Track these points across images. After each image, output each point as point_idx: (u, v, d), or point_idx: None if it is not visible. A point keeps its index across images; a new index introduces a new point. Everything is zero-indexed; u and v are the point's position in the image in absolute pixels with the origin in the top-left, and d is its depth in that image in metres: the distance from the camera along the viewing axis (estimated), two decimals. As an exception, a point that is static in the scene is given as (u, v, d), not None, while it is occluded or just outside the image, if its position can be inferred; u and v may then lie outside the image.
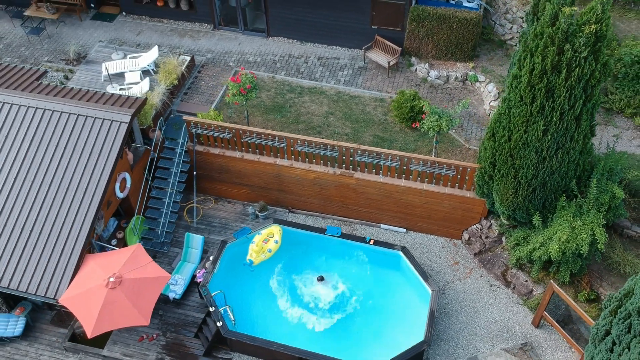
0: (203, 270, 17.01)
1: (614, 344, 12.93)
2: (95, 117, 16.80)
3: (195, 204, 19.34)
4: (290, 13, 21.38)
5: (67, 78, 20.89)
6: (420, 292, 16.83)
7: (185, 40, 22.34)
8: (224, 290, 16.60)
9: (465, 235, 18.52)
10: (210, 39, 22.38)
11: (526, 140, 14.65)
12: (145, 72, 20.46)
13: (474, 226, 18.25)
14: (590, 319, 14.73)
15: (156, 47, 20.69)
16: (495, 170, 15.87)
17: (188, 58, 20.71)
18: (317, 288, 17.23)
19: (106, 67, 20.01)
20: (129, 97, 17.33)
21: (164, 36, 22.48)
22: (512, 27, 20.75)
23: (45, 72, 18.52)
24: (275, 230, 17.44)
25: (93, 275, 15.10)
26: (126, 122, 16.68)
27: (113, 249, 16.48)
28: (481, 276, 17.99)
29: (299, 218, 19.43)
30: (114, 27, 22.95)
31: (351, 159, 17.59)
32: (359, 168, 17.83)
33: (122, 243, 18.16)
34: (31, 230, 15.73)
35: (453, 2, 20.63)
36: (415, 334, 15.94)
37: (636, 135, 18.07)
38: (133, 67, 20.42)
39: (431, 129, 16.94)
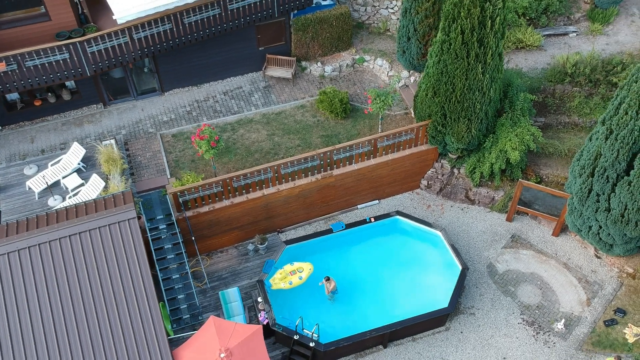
0: (263, 312, 17.78)
1: (598, 195, 17.69)
2: (99, 227, 16.09)
3: (202, 267, 19.52)
4: (180, 63, 21.96)
5: (-7, 213, 18.87)
6: (430, 237, 19.95)
7: (86, 127, 21.44)
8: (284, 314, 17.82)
9: (424, 182, 22.01)
10: (111, 117, 21.84)
11: (469, 85, 18.43)
12: (77, 172, 19.56)
13: (429, 172, 21.81)
14: (559, 191, 19.46)
15: (75, 143, 19.78)
16: (447, 119, 19.47)
17: (113, 141, 20.20)
18: (353, 277, 19.23)
19: (46, 182, 18.66)
20: (114, 194, 16.84)
21: (62, 132, 21.26)
22: (365, 9, 24.34)
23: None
24: (306, 267, 18.62)
25: (198, 362, 15.12)
26: (134, 217, 16.36)
27: (192, 333, 16.33)
28: (451, 206, 21.74)
29: (289, 234, 20.89)
30: (-2, 144, 20.98)
31: (328, 160, 19.66)
32: (335, 166, 19.97)
33: (161, 334, 17.80)
34: (107, 361, 14.93)
35: (313, 5, 23.37)
36: (448, 270, 19.13)
37: (500, 56, 23.19)
38: (64, 171, 19.31)
39: (381, 109, 19.82)
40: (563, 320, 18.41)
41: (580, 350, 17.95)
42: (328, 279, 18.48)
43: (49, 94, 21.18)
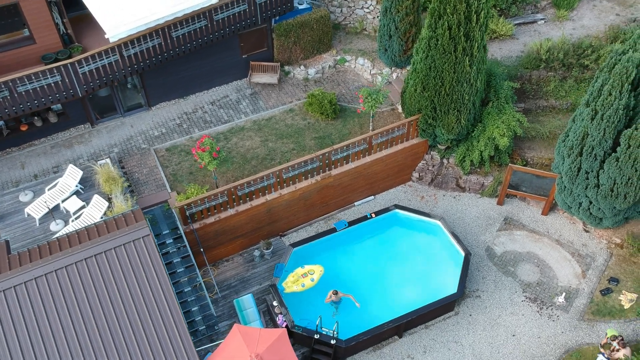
0: (281, 316, 18.08)
1: (587, 173, 18.73)
2: (114, 248, 16.07)
3: (212, 277, 19.65)
4: (165, 76, 21.91)
5: (-6, 244, 18.46)
6: (430, 227, 20.63)
7: (77, 148, 21.18)
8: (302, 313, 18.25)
9: (415, 174, 22.69)
10: (100, 136, 21.63)
11: (457, 78, 19.17)
12: (75, 194, 19.37)
13: (420, 164, 22.50)
14: (547, 172, 20.45)
15: (70, 165, 19.57)
16: (437, 112, 20.16)
17: (108, 160, 20.06)
18: (362, 274, 19.73)
19: (47, 207, 18.41)
20: (124, 214, 16.79)
21: (52, 155, 20.94)
22: (341, 10, 24.82)
23: (7, 241, 16.48)
24: (317, 269, 19.01)
25: (230, 371, 15.32)
26: (148, 234, 16.37)
27: (212, 345, 16.49)
28: (444, 196, 22.50)
29: (291, 237, 21.22)
30: (-13, 173, 20.50)
31: (326, 161, 20.08)
32: (333, 166, 20.40)
33: (181, 348, 17.88)
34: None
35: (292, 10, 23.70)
36: (451, 256, 19.87)
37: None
38: (62, 194, 19.08)
39: (372, 108, 20.36)
40: (563, 294, 19.42)
41: (582, 320, 18.98)
42: (336, 293, 18.86)
43: (35, 117, 20.82)
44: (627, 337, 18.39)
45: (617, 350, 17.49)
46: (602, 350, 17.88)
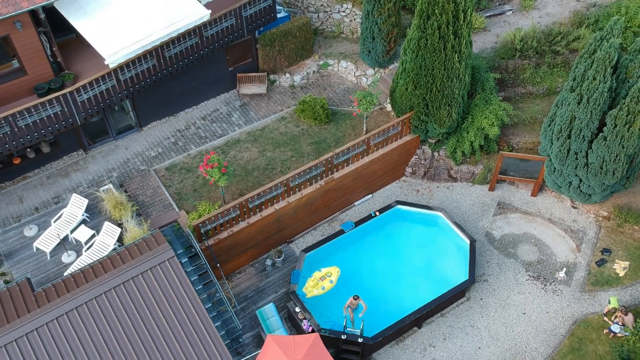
0: (305, 321, 18.48)
1: (576, 153, 19.91)
2: (141, 274, 16.10)
3: (230, 291, 19.82)
4: (153, 95, 21.78)
5: (7, 282, 18.06)
6: (432, 219, 21.43)
7: (74, 176, 20.87)
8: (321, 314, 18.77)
9: (409, 169, 23.45)
10: (96, 162, 21.37)
11: (448, 74, 19.98)
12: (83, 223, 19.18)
13: (412, 159, 23.26)
14: (537, 156, 21.58)
15: (74, 194, 19.31)
16: (429, 108, 20.93)
17: (111, 185, 19.89)
18: (376, 271, 20.36)
19: (58, 237, 18.12)
20: (144, 238, 16.81)
21: (50, 186, 20.56)
22: (318, 15, 25.25)
23: (29, 278, 16.21)
24: (334, 271, 19.58)
25: (272, 381, 15.65)
26: (173, 256, 16.48)
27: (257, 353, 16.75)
28: (437, 187, 23.37)
29: (298, 243, 21.62)
30: (-17, 211, 19.95)
31: (329, 165, 20.55)
32: (335, 169, 20.89)
33: (210, 364, 18.05)
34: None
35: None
36: (457, 245, 20.74)
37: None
38: (70, 225, 18.83)
39: (367, 109, 20.94)
40: (564, 269, 20.62)
41: (584, 292, 20.22)
42: (356, 298, 19.15)
43: (28, 149, 20.39)
44: (626, 302, 19.74)
45: (621, 318, 18.82)
46: (605, 318, 19.18)
